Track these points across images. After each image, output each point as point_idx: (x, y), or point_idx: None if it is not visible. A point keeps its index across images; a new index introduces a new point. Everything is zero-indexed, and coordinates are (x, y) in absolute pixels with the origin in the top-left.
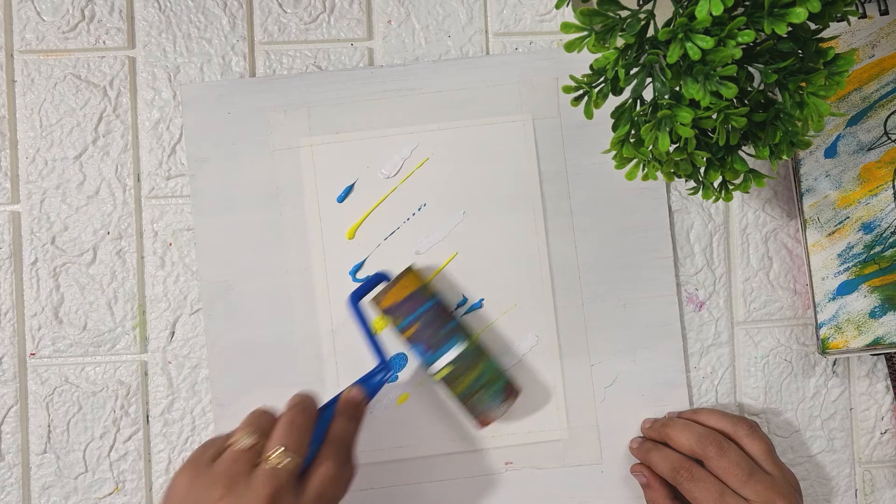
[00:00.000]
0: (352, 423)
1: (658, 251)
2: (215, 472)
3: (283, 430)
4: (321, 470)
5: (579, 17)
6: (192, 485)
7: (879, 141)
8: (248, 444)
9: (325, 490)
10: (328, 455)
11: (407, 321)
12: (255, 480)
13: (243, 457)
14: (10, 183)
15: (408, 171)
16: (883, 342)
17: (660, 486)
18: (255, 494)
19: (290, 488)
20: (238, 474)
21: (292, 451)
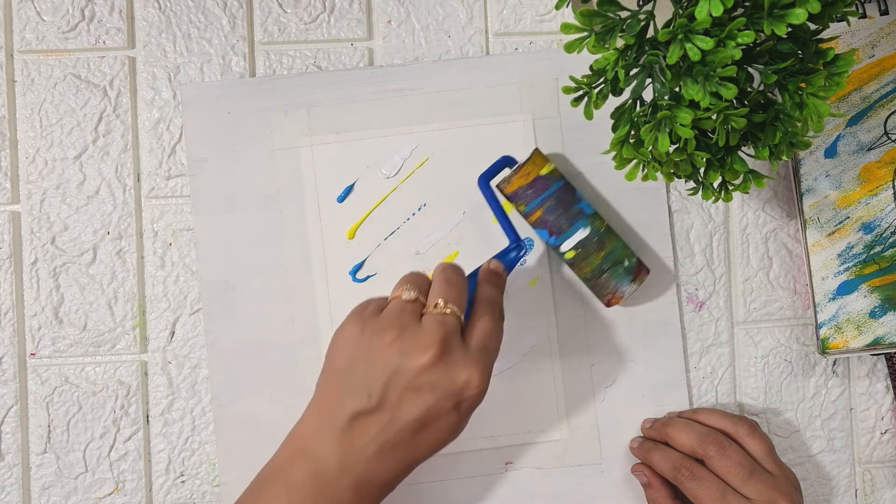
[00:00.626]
0: (496, 289)
1: (658, 251)
2: (383, 319)
3: (443, 286)
4: (481, 323)
5: (579, 17)
6: (361, 332)
7: (879, 141)
8: (412, 297)
9: (488, 341)
10: (483, 312)
11: (531, 206)
12: (425, 325)
13: (409, 307)
14: (10, 183)
15: (408, 171)
16: (883, 342)
17: (661, 486)
18: (427, 337)
19: (457, 337)
20: (407, 321)
21: (455, 303)
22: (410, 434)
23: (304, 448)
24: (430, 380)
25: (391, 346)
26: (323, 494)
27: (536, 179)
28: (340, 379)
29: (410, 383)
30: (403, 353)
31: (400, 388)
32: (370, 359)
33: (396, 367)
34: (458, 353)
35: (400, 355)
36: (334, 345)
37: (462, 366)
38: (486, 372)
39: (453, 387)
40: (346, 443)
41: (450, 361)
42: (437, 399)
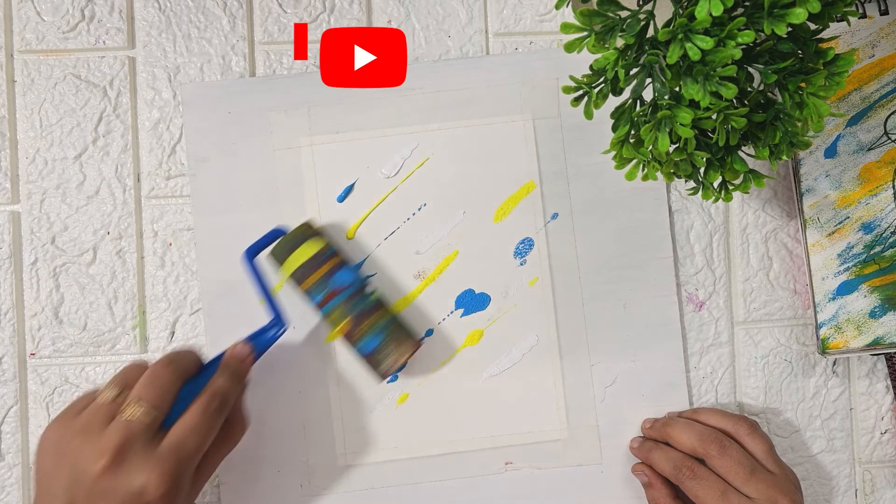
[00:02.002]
0: (231, 379)
1: (658, 251)
2: (77, 423)
3: (143, 384)
4: (183, 419)
5: (579, 17)
6: (59, 435)
7: (879, 141)
8: (110, 397)
9: (185, 440)
10: (196, 406)
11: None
12: (107, 431)
13: (103, 409)
14: (10, 183)
15: (408, 171)
16: (883, 342)
17: (662, 486)
18: (104, 444)
19: (143, 440)
20: (95, 426)
21: (148, 404)
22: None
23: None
24: (105, 486)
25: (75, 452)
26: None
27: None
28: (42, 482)
29: (90, 490)
30: (83, 459)
31: (83, 495)
32: (60, 465)
33: (77, 474)
34: (138, 456)
35: (80, 462)
36: (38, 448)
37: (139, 471)
38: (170, 473)
39: (128, 492)
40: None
41: (125, 467)
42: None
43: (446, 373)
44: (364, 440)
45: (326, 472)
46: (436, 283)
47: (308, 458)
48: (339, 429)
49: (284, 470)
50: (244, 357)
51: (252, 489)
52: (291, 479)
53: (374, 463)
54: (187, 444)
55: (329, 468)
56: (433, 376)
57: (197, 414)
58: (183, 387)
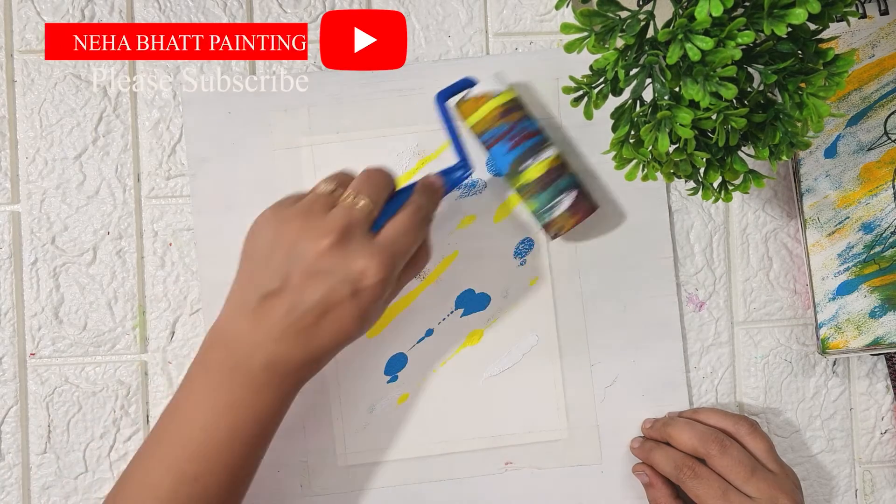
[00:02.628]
0: (430, 202)
1: (658, 251)
2: (294, 209)
3: (360, 181)
4: (397, 220)
5: (579, 17)
6: (274, 220)
7: (879, 141)
8: (328, 190)
9: (398, 237)
10: (404, 213)
11: (497, 131)
12: (331, 214)
13: (322, 199)
14: (10, 183)
15: (408, 171)
16: (883, 342)
17: (662, 485)
18: (329, 224)
19: (363, 228)
20: (316, 211)
21: (367, 196)
22: (313, 319)
23: (220, 333)
24: (326, 265)
25: (296, 231)
26: (237, 374)
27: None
28: (253, 263)
29: (309, 267)
30: (305, 238)
31: (300, 272)
32: (278, 244)
33: (298, 251)
34: (359, 241)
35: (302, 240)
36: (251, 232)
37: (360, 254)
38: (386, 264)
39: (349, 274)
40: (256, 324)
41: (348, 249)
42: (333, 285)
43: (446, 373)
44: (364, 440)
45: (326, 472)
46: (436, 283)
47: (308, 458)
48: (339, 429)
49: (284, 470)
50: (438, 186)
51: (252, 489)
52: (291, 479)
53: (374, 463)
54: (400, 242)
55: (329, 468)
56: (433, 376)
57: (406, 218)
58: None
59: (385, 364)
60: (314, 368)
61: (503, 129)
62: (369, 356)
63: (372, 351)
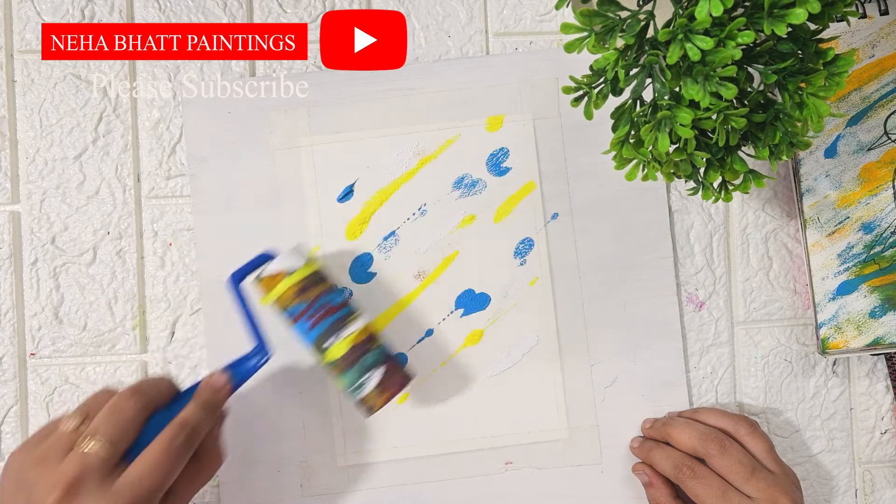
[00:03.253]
0: (203, 410)
1: (658, 251)
2: (36, 452)
3: (104, 416)
4: (144, 454)
5: (579, 17)
6: (17, 464)
7: (879, 141)
8: (72, 427)
9: (143, 477)
10: (159, 440)
11: (296, 309)
12: (62, 464)
13: (62, 439)
14: (10, 183)
15: (408, 171)
16: (883, 342)
17: (662, 485)
18: (57, 477)
19: (98, 475)
20: (52, 457)
21: (106, 438)
22: None
23: None
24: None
25: (30, 483)
26: None
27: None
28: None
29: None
30: (37, 491)
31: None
32: (18, 494)
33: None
34: (91, 494)
35: (35, 493)
36: (2, 473)
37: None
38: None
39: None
40: None
41: (76, 502)
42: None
43: (446, 373)
44: (364, 440)
45: (326, 472)
46: (436, 283)
47: (308, 458)
48: (339, 429)
49: (284, 470)
50: (220, 387)
51: (252, 489)
52: (291, 480)
53: (374, 463)
54: (145, 481)
55: (329, 468)
56: (433, 376)
57: (159, 449)
58: (153, 416)
59: None
60: None
61: (302, 307)
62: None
63: None
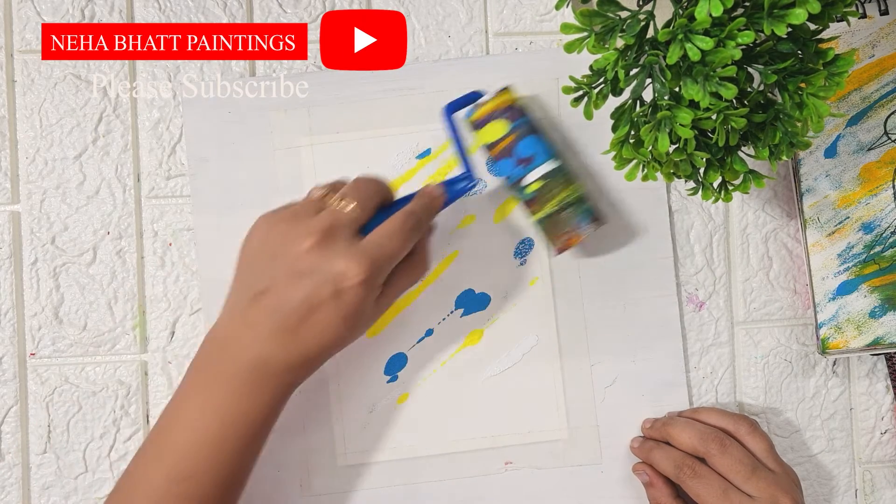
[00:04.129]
0: (423, 209)
1: (658, 251)
2: (284, 212)
3: (350, 186)
4: (385, 225)
5: (579, 17)
6: (266, 224)
7: (879, 141)
8: (319, 195)
9: (384, 241)
10: (395, 220)
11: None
12: (316, 216)
13: (312, 203)
14: (10, 183)
15: (408, 171)
16: (883, 342)
17: (663, 485)
18: (312, 226)
19: (348, 230)
20: (303, 214)
21: (356, 202)
22: (297, 319)
23: (214, 334)
24: (307, 265)
25: (283, 233)
26: (225, 374)
27: (508, 108)
28: (245, 266)
29: (292, 267)
30: (290, 239)
31: (285, 272)
32: (267, 245)
33: (284, 252)
34: (342, 243)
35: (287, 242)
36: (246, 236)
37: (342, 256)
38: (367, 266)
39: (329, 275)
40: (245, 324)
41: (330, 250)
42: (314, 285)
43: (446, 373)
44: (364, 440)
45: (326, 472)
46: (436, 283)
47: (308, 458)
48: (339, 429)
49: (284, 470)
50: (437, 195)
51: (252, 489)
52: (291, 479)
53: (374, 463)
54: (385, 246)
55: (329, 468)
56: (433, 376)
57: (394, 224)
58: (380, 211)
59: (385, 364)
60: (302, 372)
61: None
62: (369, 356)
63: (372, 351)
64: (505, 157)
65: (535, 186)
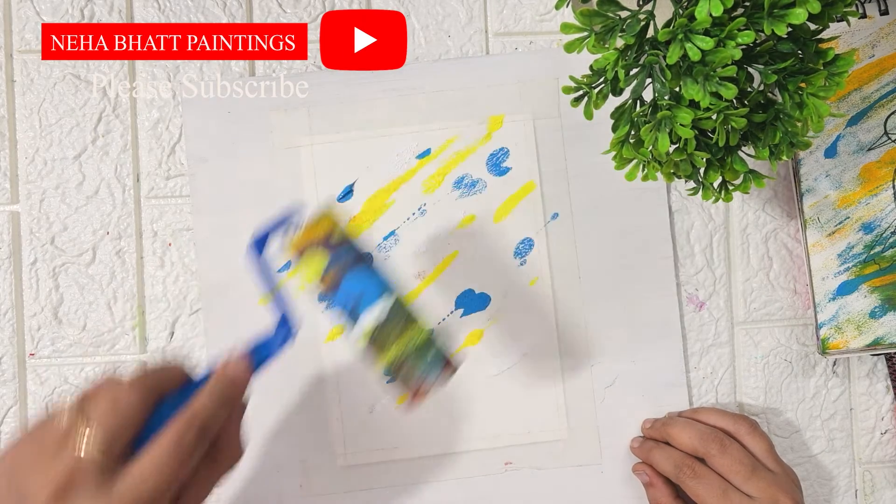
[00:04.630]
0: (218, 401)
1: (658, 251)
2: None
3: (101, 410)
4: (148, 453)
5: (579, 17)
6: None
7: (879, 141)
8: (66, 422)
9: (146, 479)
10: (167, 437)
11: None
12: (55, 460)
13: (56, 436)
14: (9, 183)
15: (408, 171)
16: (883, 342)
17: (663, 485)
18: (47, 480)
19: (93, 478)
20: (45, 456)
21: (102, 436)
22: None
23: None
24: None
25: (25, 475)
26: None
27: (327, 237)
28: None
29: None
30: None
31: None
32: (11, 486)
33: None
34: (86, 496)
35: (28, 488)
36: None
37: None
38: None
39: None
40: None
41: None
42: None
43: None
44: (364, 440)
45: (326, 472)
46: (436, 283)
47: (308, 458)
48: (338, 429)
49: (284, 470)
50: (239, 373)
51: (252, 489)
52: (291, 479)
53: (374, 463)
54: (149, 483)
55: (329, 468)
56: None
57: (166, 446)
58: (162, 403)
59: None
60: None
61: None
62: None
63: None
64: (333, 292)
65: (367, 333)
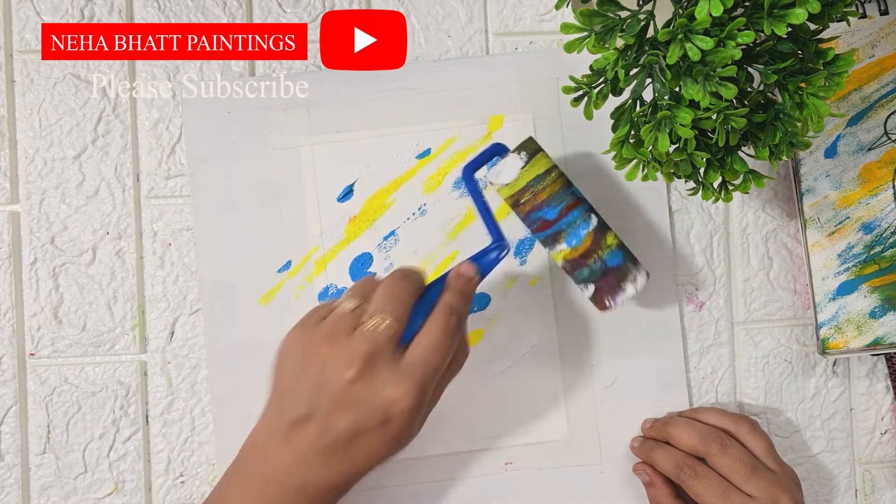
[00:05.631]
0: (461, 298)
1: (658, 251)
2: (319, 330)
3: (381, 296)
4: (423, 337)
5: (579, 17)
6: (300, 342)
7: (879, 141)
8: (350, 308)
9: (427, 357)
10: (432, 323)
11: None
12: (352, 340)
13: (345, 319)
14: (9, 183)
15: (408, 171)
16: (883, 342)
17: (663, 485)
18: (352, 353)
19: (388, 351)
20: (339, 334)
21: (391, 316)
22: (344, 444)
23: (257, 445)
24: (354, 396)
25: (322, 358)
26: (271, 488)
27: (535, 180)
28: (282, 387)
29: (336, 397)
30: (330, 366)
31: (328, 400)
32: (304, 369)
33: (324, 380)
34: (386, 369)
35: (328, 368)
36: (279, 352)
37: (388, 383)
38: (417, 388)
39: (378, 403)
40: (288, 446)
41: (375, 377)
42: (362, 415)
43: None
44: None
45: None
46: None
47: None
48: None
49: None
50: (471, 276)
51: None
52: None
53: None
54: (431, 359)
55: None
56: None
57: (437, 330)
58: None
59: None
60: (346, 488)
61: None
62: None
63: None
64: (539, 231)
65: (566, 255)
